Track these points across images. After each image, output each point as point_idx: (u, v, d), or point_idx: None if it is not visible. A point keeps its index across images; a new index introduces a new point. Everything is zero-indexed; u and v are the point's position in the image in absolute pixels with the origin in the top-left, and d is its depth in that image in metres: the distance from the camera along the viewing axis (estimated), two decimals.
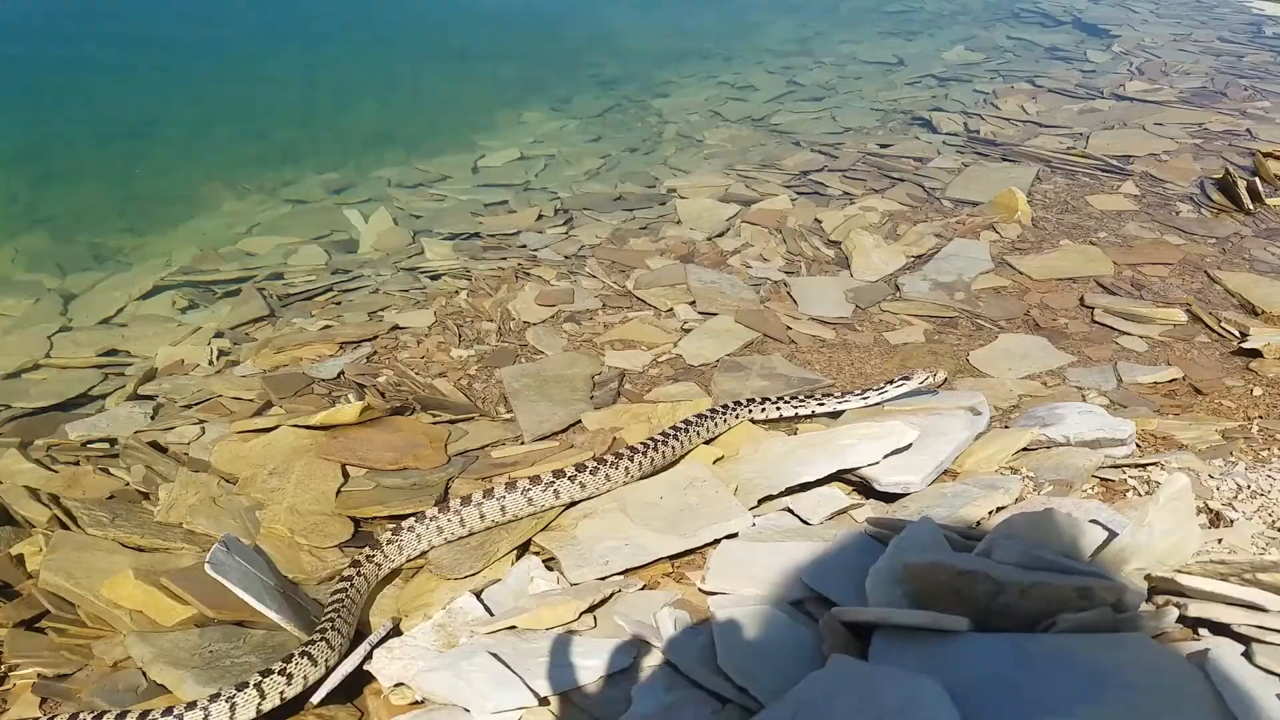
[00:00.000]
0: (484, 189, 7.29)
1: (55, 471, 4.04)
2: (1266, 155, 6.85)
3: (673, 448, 3.73)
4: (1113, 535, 2.57)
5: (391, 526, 3.38)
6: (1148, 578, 2.52)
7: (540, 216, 6.66)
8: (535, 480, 3.46)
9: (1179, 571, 2.47)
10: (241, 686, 2.68)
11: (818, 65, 10.06)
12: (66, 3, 12.74)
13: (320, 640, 2.82)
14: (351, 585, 3.09)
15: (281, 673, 2.72)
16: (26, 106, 9.01)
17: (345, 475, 3.90)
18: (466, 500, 3.39)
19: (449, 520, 3.37)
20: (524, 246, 6.16)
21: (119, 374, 4.89)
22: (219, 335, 5.23)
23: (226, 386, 4.67)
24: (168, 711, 2.66)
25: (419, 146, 8.37)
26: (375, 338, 5.02)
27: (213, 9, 12.69)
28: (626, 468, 3.57)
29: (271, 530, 3.63)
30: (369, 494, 3.77)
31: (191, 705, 2.66)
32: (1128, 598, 2.39)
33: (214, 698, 2.67)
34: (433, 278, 5.74)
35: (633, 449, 3.62)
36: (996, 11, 11.93)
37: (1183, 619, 2.42)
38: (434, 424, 4.23)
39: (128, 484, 3.96)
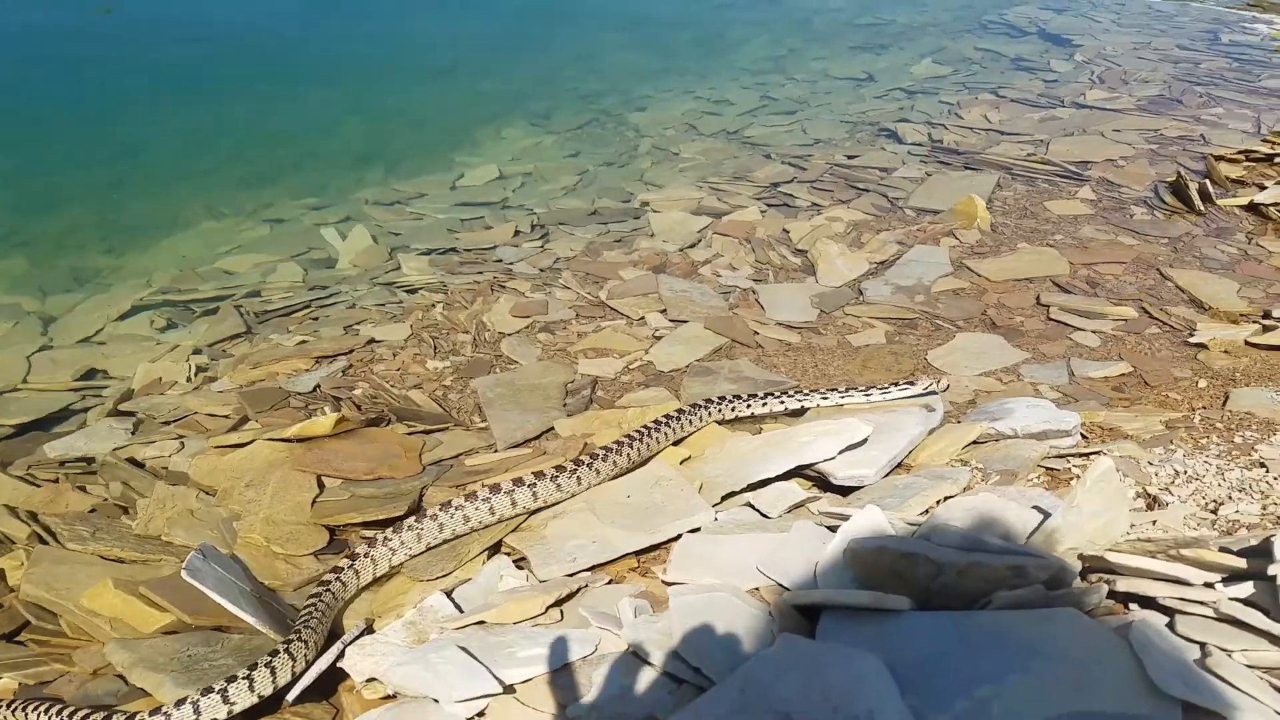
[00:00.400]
0: (461, 206, 7.40)
1: (38, 487, 4.13)
2: (1218, 158, 7.06)
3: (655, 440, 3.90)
4: (1047, 518, 2.70)
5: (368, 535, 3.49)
6: (1081, 556, 2.65)
7: (517, 232, 6.78)
8: (519, 481, 3.57)
9: (1109, 550, 2.59)
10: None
11: (790, 80, 10.23)
12: (45, 28, 12.83)
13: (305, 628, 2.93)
14: (336, 581, 3.21)
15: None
16: (5, 130, 9.08)
17: (321, 486, 4.00)
18: (446, 505, 3.50)
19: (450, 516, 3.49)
20: (500, 261, 6.28)
21: (97, 394, 4.97)
22: (197, 353, 5.32)
23: (204, 403, 4.76)
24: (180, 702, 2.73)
25: (398, 166, 8.46)
26: (351, 351, 5.13)
27: (193, 35, 12.79)
28: (598, 469, 3.69)
29: (248, 539, 3.73)
30: (344, 503, 3.87)
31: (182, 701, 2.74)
32: (1060, 575, 2.52)
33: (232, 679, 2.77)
34: (409, 292, 5.86)
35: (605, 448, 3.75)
36: (965, 24, 12.16)
37: (1113, 594, 2.54)
38: (409, 434, 4.33)
39: (106, 499, 4.05)
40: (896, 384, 4.17)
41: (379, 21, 13.61)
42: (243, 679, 2.77)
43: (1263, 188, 6.53)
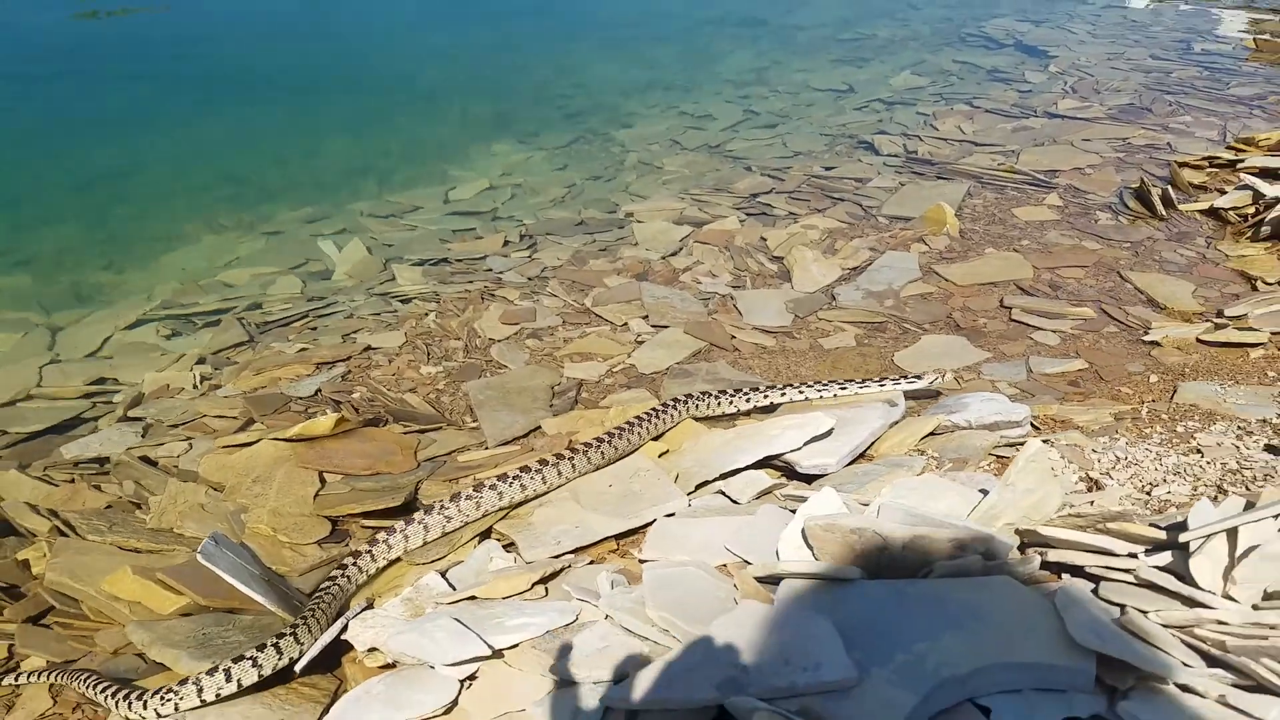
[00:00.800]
0: (453, 217, 7.65)
1: (56, 486, 4.37)
2: (1182, 165, 7.34)
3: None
4: (987, 496, 2.97)
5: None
6: (1017, 531, 2.92)
7: (506, 242, 7.04)
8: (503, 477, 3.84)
9: (1042, 524, 2.86)
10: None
11: (773, 94, 10.50)
12: (41, 47, 13.10)
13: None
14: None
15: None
16: (3, 151, 9.31)
17: (323, 481, 4.26)
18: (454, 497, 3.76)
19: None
20: (490, 270, 6.54)
21: (107, 401, 5.22)
22: (201, 361, 5.57)
23: (210, 407, 5.02)
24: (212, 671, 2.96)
25: (392, 180, 8.71)
26: (349, 358, 5.40)
27: (190, 58, 13.07)
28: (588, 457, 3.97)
29: (256, 530, 3.98)
30: (344, 496, 4.13)
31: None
32: (995, 547, 2.77)
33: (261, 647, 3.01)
34: (403, 301, 6.12)
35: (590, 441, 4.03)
36: (945, 36, 12.45)
37: (1046, 564, 2.80)
38: (405, 433, 4.60)
39: (120, 497, 4.30)
40: (906, 376, 4.47)
41: (372, 41, 13.90)
42: (271, 646, 3.02)
43: (1223, 193, 6.80)
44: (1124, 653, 2.33)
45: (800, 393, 4.46)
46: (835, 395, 4.43)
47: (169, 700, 2.94)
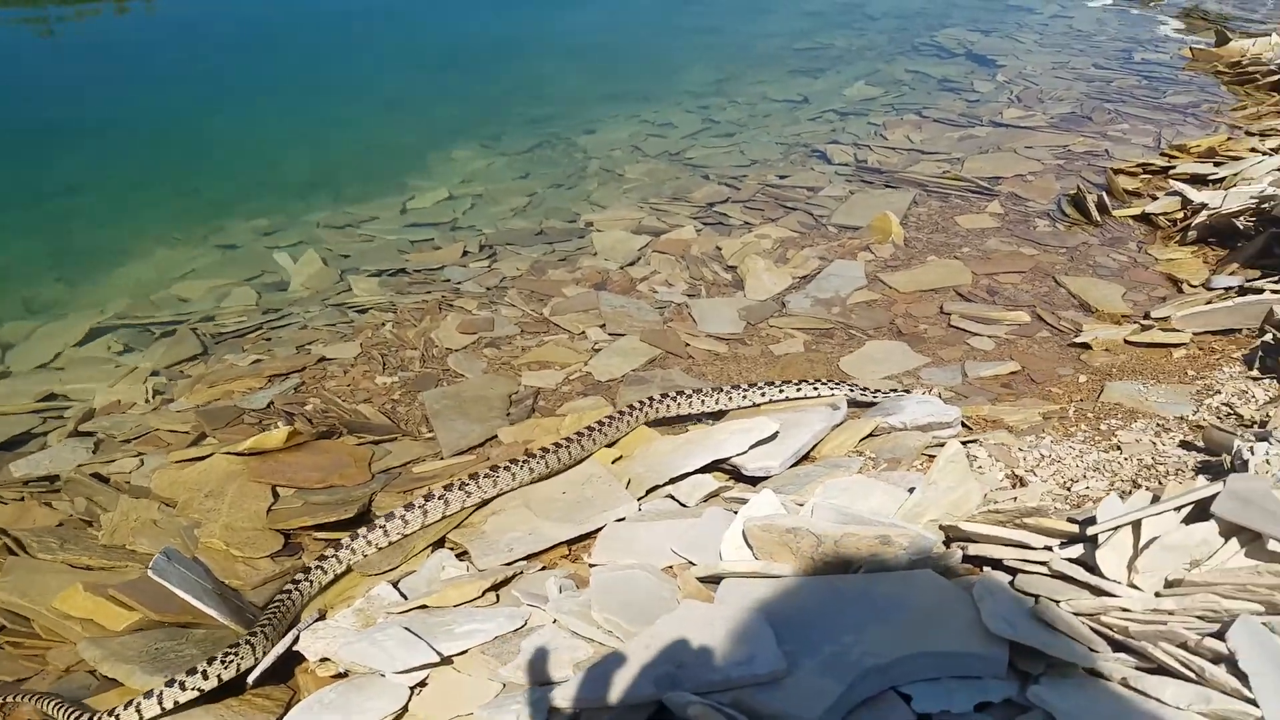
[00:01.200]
0: (411, 228, 7.68)
1: (5, 504, 4.38)
2: (1118, 172, 7.58)
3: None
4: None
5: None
6: (941, 527, 3.07)
7: (465, 252, 7.09)
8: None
9: (964, 520, 3.01)
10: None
11: (731, 104, 10.62)
12: None
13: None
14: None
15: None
16: None
17: (276, 494, 4.32)
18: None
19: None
20: (448, 280, 6.61)
21: (58, 416, 5.21)
22: (155, 375, 5.57)
23: (163, 421, 5.04)
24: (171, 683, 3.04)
25: (349, 190, 8.68)
26: (303, 369, 5.45)
27: (142, 68, 13.00)
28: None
29: (208, 545, 4.03)
30: (297, 509, 4.20)
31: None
32: (920, 542, 2.92)
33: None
34: (359, 312, 6.17)
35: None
36: (899, 46, 12.65)
37: (968, 558, 2.95)
38: (359, 445, 4.67)
39: (72, 514, 4.32)
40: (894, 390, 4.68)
41: (331, 48, 13.87)
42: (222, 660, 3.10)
43: (1155, 198, 7.05)
44: (1034, 640, 2.48)
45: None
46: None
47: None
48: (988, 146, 8.61)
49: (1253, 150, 7.79)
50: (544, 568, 3.55)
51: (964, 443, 3.89)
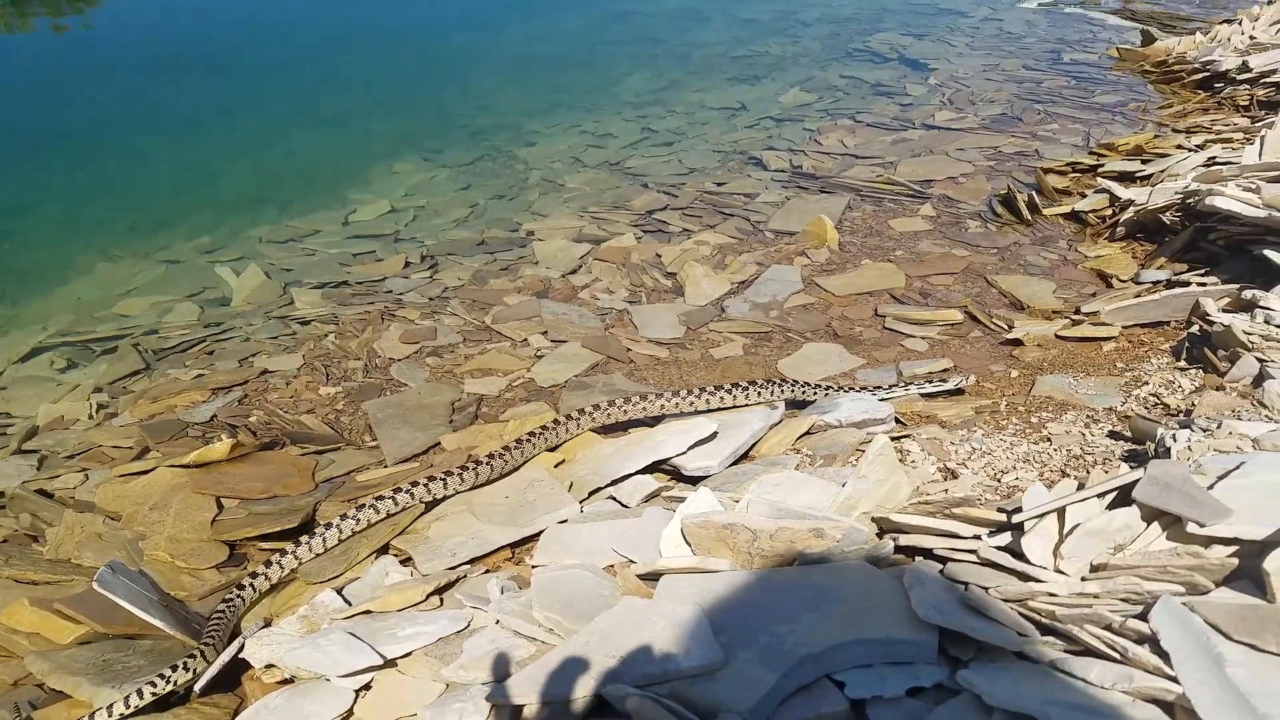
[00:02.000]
0: (354, 240, 7.68)
1: None
2: (1047, 171, 7.79)
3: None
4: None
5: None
6: (874, 519, 3.16)
7: (407, 263, 7.11)
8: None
9: (895, 512, 3.10)
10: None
11: (670, 113, 10.73)
12: None
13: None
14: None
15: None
16: None
17: (220, 506, 4.32)
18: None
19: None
20: (390, 291, 6.62)
21: (1, 434, 5.17)
22: (98, 391, 5.55)
23: (106, 436, 5.03)
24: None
25: (292, 205, 8.66)
26: (246, 382, 5.44)
27: (82, 87, 12.80)
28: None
29: (154, 557, 4.03)
30: (241, 520, 4.20)
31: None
32: (852, 534, 3.00)
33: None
34: (302, 324, 6.16)
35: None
36: (833, 52, 12.86)
37: (900, 548, 3.04)
38: (302, 455, 4.67)
39: (16, 530, 4.30)
40: (930, 379, 4.78)
41: (271, 66, 13.77)
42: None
43: (1084, 196, 7.26)
44: (962, 626, 2.57)
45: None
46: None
47: None
48: (920, 150, 8.79)
49: (1179, 147, 8.04)
50: (487, 571, 3.58)
51: (898, 438, 4.01)
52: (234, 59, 14.18)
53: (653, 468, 4.10)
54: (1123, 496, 2.91)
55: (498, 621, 3.02)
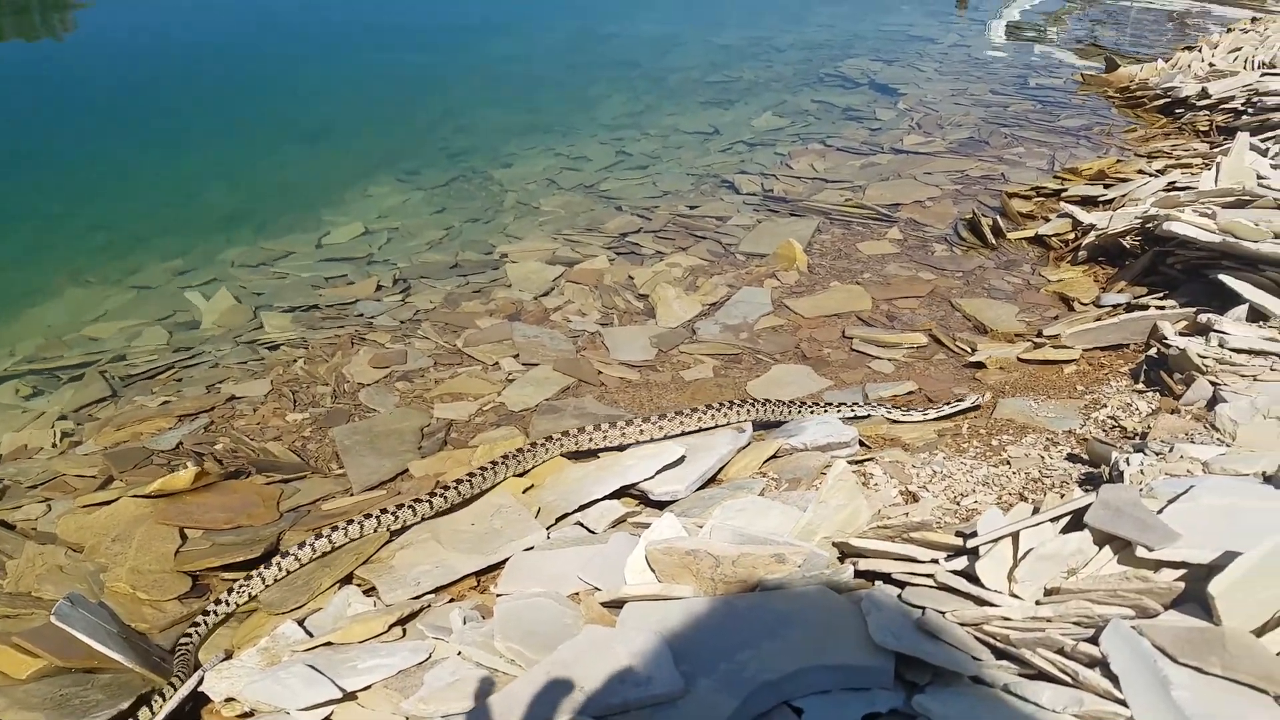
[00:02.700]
0: (326, 263, 7.67)
1: None
2: (1012, 195, 7.91)
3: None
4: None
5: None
6: (834, 544, 3.19)
7: (379, 286, 7.10)
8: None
9: (854, 536, 3.14)
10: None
11: (645, 136, 10.81)
12: None
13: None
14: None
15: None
16: None
17: (184, 536, 4.27)
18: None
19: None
20: (360, 315, 6.61)
21: None
22: (62, 418, 5.49)
23: (70, 465, 4.97)
24: None
25: (266, 227, 8.63)
26: (213, 409, 5.41)
27: (55, 102, 12.74)
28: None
29: (115, 589, 3.98)
30: (204, 550, 4.16)
31: None
32: (813, 559, 3.03)
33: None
34: (271, 349, 6.14)
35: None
36: (805, 77, 13.03)
37: (859, 573, 3.07)
38: (267, 484, 4.64)
39: None
40: (948, 403, 4.82)
41: (249, 85, 13.76)
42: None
43: (1048, 220, 7.38)
44: (918, 650, 2.60)
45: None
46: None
47: None
48: (888, 174, 8.89)
49: (1140, 172, 8.19)
50: (452, 600, 3.57)
51: (861, 461, 4.05)
52: (212, 75, 14.18)
53: (621, 492, 4.12)
54: (1076, 520, 2.95)
55: (460, 653, 3.02)
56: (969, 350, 5.56)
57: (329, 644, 3.27)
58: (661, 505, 4.02)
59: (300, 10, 18.71)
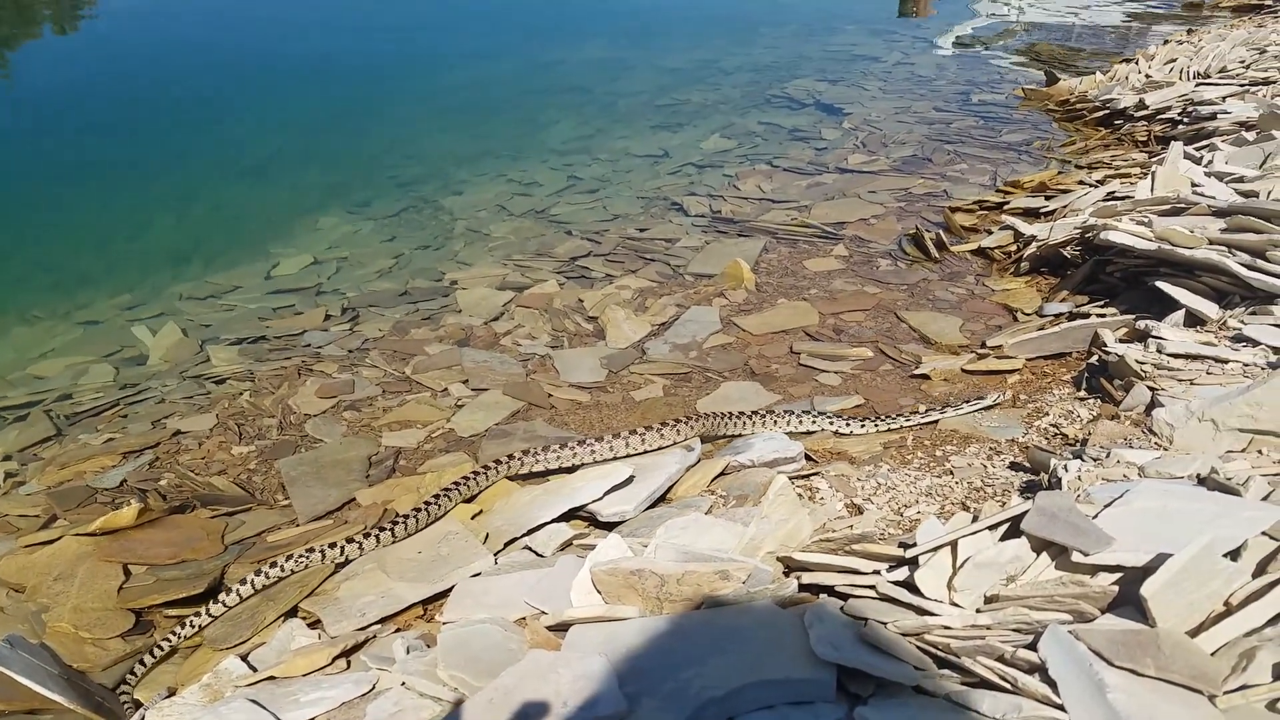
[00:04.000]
0: (274, 295, 7.60)
1: None
2: (954, 210, 8.05)
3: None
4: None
5: None
6: (779, 559, 3.20)
7: (327, 316, 7.05)
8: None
9: (798, 550, 3.15)
10: None
11: (595, 161, 10.85)
12: None
13: None
14: None
15: None
16: None
17: (127, 573, 4.21)
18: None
19: None
20: (308, 345, 6.55)
21: None
22: (7, 459, 5.39)
23: (13, 506, 4.88)
24: None
25: (214, 260, 8.54)
26: (158, 444, 5.32)
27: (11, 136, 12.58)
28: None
29: (57, 628, 3.91)
30: (148, 586, 4.10)
31: None
32: (758, 575, 3.04)
33: None
34: (217, 382, 6.06)
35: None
36: (752, 99, 13.16)
37: (803, 586, 3.08)
38: (212, 518, 4.58)
39: None
40: (968, 400, 4.88)
41: (199, 118, 13.64)
42: None
43: (990, 233, 7.51)
44: (859, 662, 2.61)
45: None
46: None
47: None
48: (834, 193, 9.00)
49: (1080, 183, 8.37)
50: (398, 630, 3.54)
51: (807, 475, 4.08)
52: (160, 109, 14.03)
53: (570, 515, 4.11)
54: (1014, 528, 2.99)
55: (403, 683, 2.99)
56: (914, 362, 5.63)
57: (272, 678, 3.22)
58: (610, 526, 4.01)
59: (243, 44, 18.59)
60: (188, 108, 14.17)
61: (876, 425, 4.78)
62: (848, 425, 4.78)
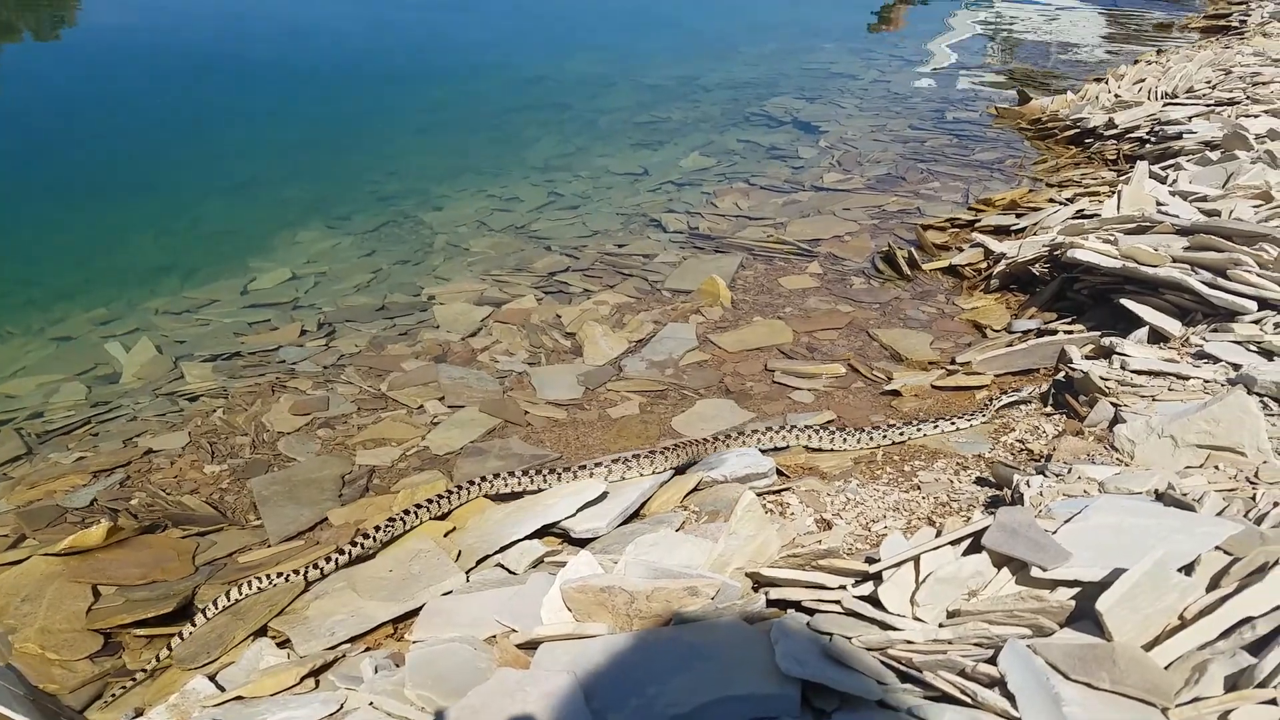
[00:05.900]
0: (250, 309, 7.56)
1: None
2: (927, 228, 8.15)
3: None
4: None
5: None
6: (748, 574, 3.24)
7: (303, 331, 7.02)
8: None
9: (766, 566, 3.19)
10: None
11: (576, 177, 10.89)
12: None
13: None
14: None
15: None
16: None
17: (97, 594, 4.18)
18: None
19: None
20: (283, 361, 6.53)
21: None
22: None
23: None
24: None
25: (191, 275, 8.49)
26: (129, 463, 5.29)
27: None
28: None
29: (24, 650, 3.87)
30: (117, 607, 4.07)
31: None
32: (726, 590, 3.07)
33: None
34: (190, 400, 6.03)
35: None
36: (731, 117, 13.28)
37: (771, 602, 3.12)
38: (183, 538, 4.56)
39: None
40: (1006, 393, 5.01)
41: (177, 131, 13.60)
42: None
43: (962, 251, 7.60)
44: (823, 677, 2.63)
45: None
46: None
47: None
48: (809, 210, 9.08)
49: (1051, 201, 8.49)
50: (368, 649, 3.54)
51: (778, 491, 4.12)
52: (139, 122, 13.97)
53: (543, 532, 4.12)
54: (976, 543, 3.04)
55: (371, 703, 2.99)
56: (885, 379, 5.70)
57: (239, 698, 3.21)
58: (583, 543, 4.03)
59: (223, 58, 18.56)
60: (164, 124, 14.13)
61: (937, 426, 4.85)
62: (900, 431, 4.85)
